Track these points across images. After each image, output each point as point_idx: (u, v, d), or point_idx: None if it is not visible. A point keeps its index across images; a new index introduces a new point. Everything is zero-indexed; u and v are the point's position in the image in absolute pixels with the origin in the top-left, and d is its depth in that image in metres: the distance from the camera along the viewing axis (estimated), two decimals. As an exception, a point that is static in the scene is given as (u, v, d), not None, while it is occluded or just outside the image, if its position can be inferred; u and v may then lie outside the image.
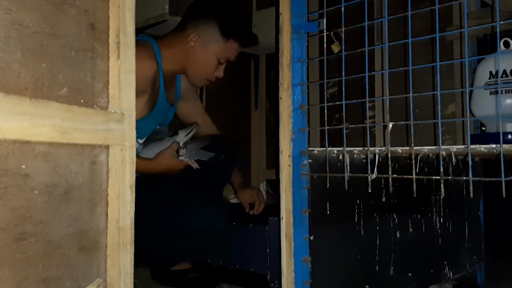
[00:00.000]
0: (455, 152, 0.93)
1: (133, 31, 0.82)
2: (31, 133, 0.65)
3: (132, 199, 0.81)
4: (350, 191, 1.17)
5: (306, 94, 1.12)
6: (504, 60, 1.27)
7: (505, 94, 1.25)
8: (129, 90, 0.81)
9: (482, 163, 1.70)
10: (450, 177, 1.11)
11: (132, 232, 0.81)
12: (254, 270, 1.49)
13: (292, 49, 1.10)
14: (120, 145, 0.79)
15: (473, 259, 1.70)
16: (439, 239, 1.52)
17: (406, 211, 1.40)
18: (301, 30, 1.11)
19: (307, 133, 1.11)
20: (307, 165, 1.10)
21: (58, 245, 0.70)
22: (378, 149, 1.01)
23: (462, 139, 1.85)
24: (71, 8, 0.74)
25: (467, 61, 1.01)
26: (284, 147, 1.09)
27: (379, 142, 2.06)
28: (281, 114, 1.11)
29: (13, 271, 0.64)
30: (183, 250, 1.55)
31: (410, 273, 1.41)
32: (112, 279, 0.77)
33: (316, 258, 1.11)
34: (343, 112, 1.01)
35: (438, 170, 1.04)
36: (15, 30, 0.66)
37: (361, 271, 1.26)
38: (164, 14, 2.00)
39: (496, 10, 0.91)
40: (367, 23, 0.99)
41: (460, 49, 1.87)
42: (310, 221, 1.10)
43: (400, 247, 1.36)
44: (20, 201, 0.65)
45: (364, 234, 1.25)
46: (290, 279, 1.06)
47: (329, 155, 1.10)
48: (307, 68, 1.12)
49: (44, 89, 0.69)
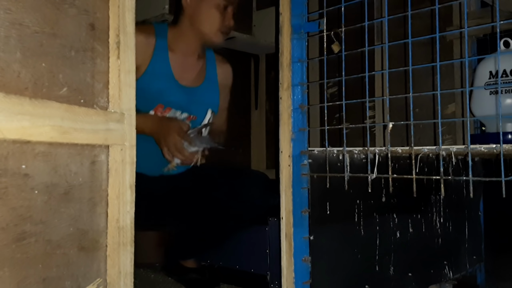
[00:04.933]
0: (455, 152, 0.93)
1: (133, 31, 0.82)
2: (31, 133, 0.65)
3: (132, 199, 0.81)
4: (350, 191, 1.17)
5: (306, 94, 1.12)
6: (504, 60, 1.27)
7: (505, 94, 1.25)
8: (129, 90, 0.81)
9: (482, 163, 1.70)
10: (450, 177, 1.11)
11: (132, 232, 0.81)
12: (254, 271, 1.49)
13: (292, 49, 1.10)
14: (120, 145, 0.79)
15: (473, 259, 1.70)
16: (439, 239, 1.52)
17: (406, 211, 1.40)
18: (301, 30, 1.11)
19: (307, 133, 1.11)
20: (307, 165, 1.10)
21: (58, 245, 0.70)
22: (378, 149, 1.01)
23: (462, 139, 1.85)
24: (71, 8, 0.74)
25: (467, 61, 1.01)
26: (284, 147, 1.09)
27: (379, 142, 2.06)
28: (281, 114, 1.11)
29: (13, 271, 0.64)
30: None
31: (410, 273, 1.41)
32: (112, 279, 0.77)
33: (316, 258, 1.11)
34: (343, 112, 1.01)
35: (438, 170, 1.04)
36: (15, 30, 0.66)
37: (361, 271, 1.26)
38: (164, 14, 2.01)
39: (496, 10, 0.91)
40: (367, 23, 0.99)
41: (460, 49, 1.87)
42: (310, 221, 1.10)
43: (400, 247, 1.36)
44: (20, 201, 0.65)
45: (364, 234, 1.25)
46: (290, 279, 1.06)
47: (329, 155, 1.10)
48: (307, 68, 1.12)
49: (44, 89, 0.69)
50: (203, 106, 1.64)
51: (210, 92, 1.68)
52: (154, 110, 1.54)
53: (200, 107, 1.63)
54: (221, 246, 1.59)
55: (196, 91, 1.65)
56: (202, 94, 1.65)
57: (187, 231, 1.58)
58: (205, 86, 1.68)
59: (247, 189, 1.49)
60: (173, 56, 1.58)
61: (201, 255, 1.64)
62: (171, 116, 1.57)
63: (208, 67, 1.69)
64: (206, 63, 1.68)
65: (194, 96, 1.63)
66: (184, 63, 1.62)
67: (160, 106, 1.54)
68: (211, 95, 1.69)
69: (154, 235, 1.70)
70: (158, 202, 1.51)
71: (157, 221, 1.56)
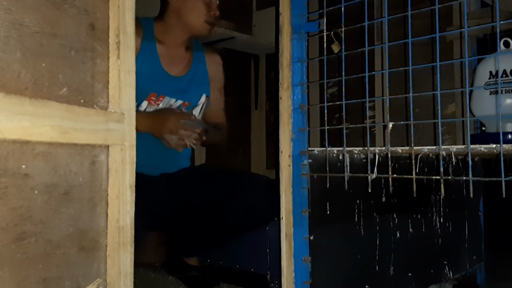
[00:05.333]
0: (455, 152, 0.93)
1: (133, 31, 0.82)
2: (31, 133, 0.65)
3: (132, 199, 0.81)
4: (350, 191, 1.17)
5: (306, 94, 1.12)
6: (504, 60, 1.27)
7: (505, 94, 1.25)
8: (129, 90, 0.81)
9: (482, 163, 1.70)
10: (450, 177, 1.11)
11: (132, 232, 0.81)
12: (254, 270, 1.49)
13: (292, 49, 1.10)
14: (120, 145, 0.79)
15: (473, 259, 1.70)
16: (439, 239, 1.52)
17: (406, 211, 1.40)
18: (301, 30, 1.11)
19: (307, 133, 1.11)
20: (307, 165, 1.10)
21: (58, 245, 0.70)
22: (378, 149, 1.01)
23: (462, 139, 1.85)
24: (71, 8, 0.74)
25: (467, 61, 1.01)
26: (284, 147, 1.09)
27: (379, 142, 2.06)
28: (281, 114, 1.11)
29: (13, 271, 0.64)
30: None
31: (410, 273, 1.41)
32: (112, 279, 0.77)
33: (316, 258, 1.11)
34: (343, 112, 1.01)
35: (438, 170, 1.04)
36: (15, 30, 0.66)
37: (361, 271, 1.26)
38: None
39: (496, 10, 0.91)
40: (367, 23, 0.99)
41: (460, 49, 1.87)
42: (310, 221, 1.10)
43: (400, 247, 1.36)
44: (20, 201, 0.65)
45: (364, 234, 1.25)
46: (290, 279, 1.06)
47: (329, 155, 1.10)
48: (307, 68, 1.12)
49: (44, 89, 0.69)
50: (195, 92, 1.66)
51: (200, 79, 1.70)
52: (147, 99, 1.54)
53: (193, 93, 1.65)
54: (222, 246, 1.59)
55: (185, 79, 1.67)
56: (192, 81, 1.67)
57: (191, 229, 1.59)
58: (193, 73, 1.69)
59: (251, 191, 1.49)
60: (161, 48, 1.60)
61: (205, 252, 1.65)
62: (165, 104, 1.58)
63: (195, 56, 1.70)
64: (193, 53, 1.70)
65: (184, 84, 1.65)
66: (172, 54, 1.64)
67: (153, 95, 1.56)
68: (201, 82, 1.70)
69: (156, 233, 1.70)
70: (159, 201, 1.52)
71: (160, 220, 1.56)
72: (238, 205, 1.49)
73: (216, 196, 1.53)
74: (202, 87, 1.70)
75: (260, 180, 1.59)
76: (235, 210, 1.49)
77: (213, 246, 1.61)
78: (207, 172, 1.68)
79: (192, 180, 1.59)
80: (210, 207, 1.54)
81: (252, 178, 1.63)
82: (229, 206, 1.50)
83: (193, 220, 1.57)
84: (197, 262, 1.64)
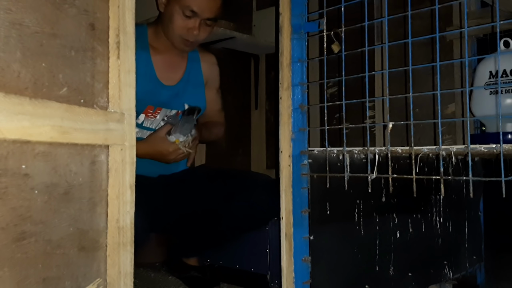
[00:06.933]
0: (455, 152, 0.93)
1: (133, 31, 0.82)
2: (31, 133, 0.65)
3: (132, 199, 0.81)
4: (350, 191, 1.17)
5: (306, 94, 1.12)
6: (504, 60, 1.27)
7: (505, 94, 1.25)
8: (129, 90, 0.81)
9: (482, 163, 1.70)
10: (450, 177, 1.11)
11: (132, 232, 0.81)
12: (254, 270, 1.49)
13: (292, 49, 1.10)
14: (120, 145, 0.79)
15: (473, 259, 1.70)
16: (439, 239, 1.52)
17: (406, 211, 1.40)
18: (301, 30, 1.11)
19: (307, 133, 1.11)
20: (307, 165, 1.10)
21: (58, 245, 0.70)
22: (378, 149, 1.01)
23: (462, 139, 1.85)
24: (71, 8, 0.74)
25: (467, 61, 1.01)
26: (284, 147, 1.10)
27: (379, 142, 2.06)
28: (281, 114, 1.11)
29: (13, 271, 0.64)
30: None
31: (410, 273, 1.41)
32: (112, 279, 0.77)
33: (316, 258, 1.11)
34: (343, 112, 1.01)
35: (438, 170, 1.04)
36: (15, 30, 0.66)
37: (361, 271, 1.26)
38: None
39: (496, 10, 0.91)
40: (367, 23, 0.99)
41: (460, 49, 1.87)
42: (310, 221, 1.10)
43: (400, 247, 1.36)
44: (20, 201, 0.65)
45: (364, 234, 1.25)
46: (290, 279, 1.06)
47: (329, 155, 1.10)
48: (307, 68, 1.12)
49: (44, 89, 0.69)
50: (191, 93, 1.65)
51: (194, 80, 1.68)
52: (144, 113, 1.54)
53: (189, 94, 1.64)
54: (222, 246, 1.59)
55: (180, 83, 1.65)
56: (187, 82, 1.66)
57: (191, 229, 1.59)
58: (188, 74, 1.67)
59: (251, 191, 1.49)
60: (155, 54, 1.58)
61: (204, 252, 1.65)
62: (162, 115, 1.57)
63: (190, 56, 1.68)
64: (188, 57, 1.68)
65: (180, 87, 1.63)
66: (166, 59, 1.61)
67: (150, 107, 1.54)
68: (196, 82, 1.69)
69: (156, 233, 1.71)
70: (159, 201, 1.52)
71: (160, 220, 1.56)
72: (238, 205, 1.49)
73: (216, 196, 1.53)
74: (197, 87, 1.68)
75: (260, 178, 1.58)
76: (235, 210, 1.49)
77: (213, 246, 1.62)
78: (206, 173, 1.68)
79: (192, 181, 1.60)
80: (210, 207, 1.54)
81: (252, 177, 1.62)
82: (229, 206, 1.50)
83: (193, 221, 1.57)
84: (197, 262, 1.64)
